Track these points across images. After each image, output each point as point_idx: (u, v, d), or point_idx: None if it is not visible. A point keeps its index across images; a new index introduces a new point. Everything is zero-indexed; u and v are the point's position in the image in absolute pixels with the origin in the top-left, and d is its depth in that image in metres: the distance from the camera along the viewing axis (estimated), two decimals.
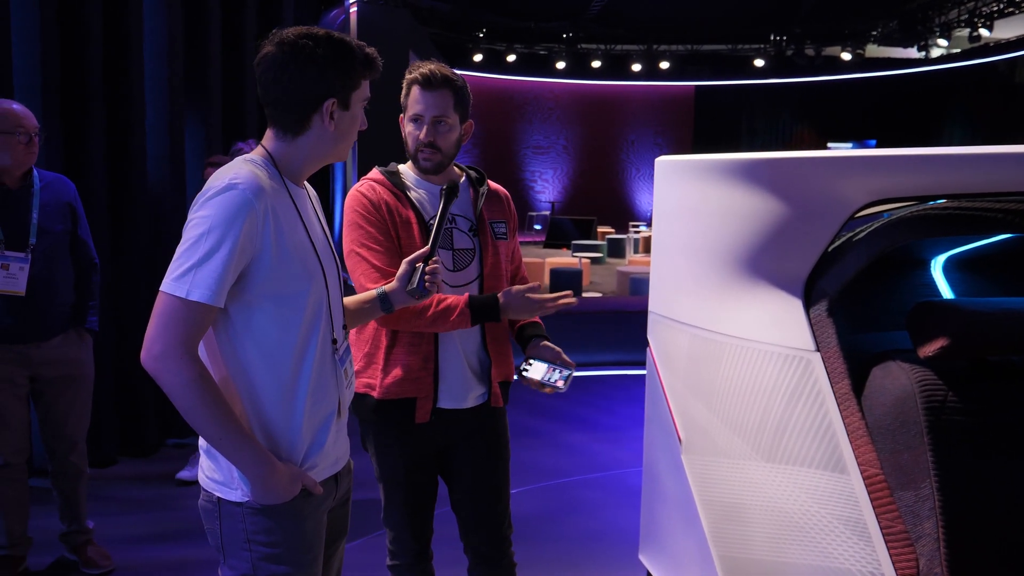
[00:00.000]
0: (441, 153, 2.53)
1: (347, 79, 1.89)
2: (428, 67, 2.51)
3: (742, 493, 2.21)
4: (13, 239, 3.46)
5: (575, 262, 13.62)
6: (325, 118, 1.89)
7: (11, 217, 3.48)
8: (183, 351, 1.73)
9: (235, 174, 1.81)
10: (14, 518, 3.61)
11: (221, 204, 1.77)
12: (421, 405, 2.52)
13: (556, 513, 4.56)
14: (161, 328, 1.74)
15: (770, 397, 2.13)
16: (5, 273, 3.42)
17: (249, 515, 1.88)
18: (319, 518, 1.99)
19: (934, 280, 2.58)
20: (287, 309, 1.86)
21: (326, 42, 1.87)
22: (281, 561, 1.89)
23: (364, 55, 1.92)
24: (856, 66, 21.50)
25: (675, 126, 24.74)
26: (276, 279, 1.84)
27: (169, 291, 1.75)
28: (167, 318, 1.74)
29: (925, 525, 1.81)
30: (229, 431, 1.78)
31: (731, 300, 2.32)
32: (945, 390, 1.87)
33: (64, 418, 3.69)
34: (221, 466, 1.88)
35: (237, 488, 1.87)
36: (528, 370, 2.54)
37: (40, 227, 3.53)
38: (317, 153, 1.95)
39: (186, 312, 1.74)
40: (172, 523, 4.34)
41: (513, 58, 21.69)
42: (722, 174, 2.35)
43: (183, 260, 1.76)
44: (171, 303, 1.75)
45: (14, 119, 3.44)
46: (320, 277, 1.93)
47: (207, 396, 1.75)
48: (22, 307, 3.47)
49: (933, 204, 2.13)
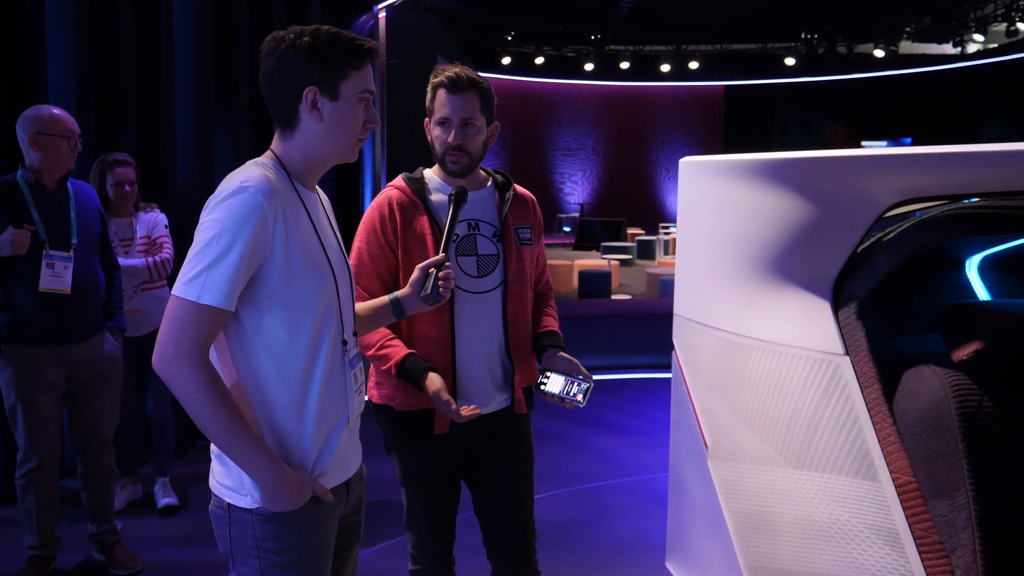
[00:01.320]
0: (469, 156, 2.52)
1: (328, 67, 1.85)
2: (453, 70, 2.50)
3: (769, 500, 2.16)
4: (55, 239, 3.54)
5: (604, 264, 13.56)
6: (310, 109, 1.86)
7: (53, 217, 3.56)
8: (194, 355, 1.72)
9: (246, 177, 1.80)
10: (45, 519, 3.65)
11: (232, 207, 1.75)
12: (440, 416, 2.50)
13: (582, 519, 4.51)
14: (173, 332, 1.73)
15: (798, 402, 2.08)
16: (51, 272, 3.49)
17: (259, 522, 1.86)
18: (329, 526, 1.96)
19: (969, 281, 2.51)
20: (297, 313, 1.84)
21: (311, 33, 1.85)
22: (290, 569, 1.88)
23: (349, 43, 1.87)
24: (889, 63, 21.23)
25: (705, 126, 24.60)
26: (287, 282, 1.82)
27: (181, 295, 1.74)
28: (179, 322, 1.74)
29: (961, 536, 1.75)
30: (239, 437, 1.76)
31: (757, 302, 2.27)
32: (980, 395, 1.81)
33: (96, 418, 3.75)
34: (231, 472, 1.87)
35: (247, 494, 1.86)
36: (546, 384, 2.50)
37: (79, 227, 3.62)
38: (315, 149, 1.91)
39: (197, 316, 1.73)
40: (200, 525, 4.34)
41: (541, 60, 21.67)
42: (747, 174, 2.30)
43: (194, 263, 1.75)
44: (183, 307, 1.74)
45: (60, 124, 3.54)
46: (331, 281, 1.91)
47: (218, 401, 1.74)
48: (65, 306, 3.54)
49: (966, 203, 2.07)
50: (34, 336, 3.52)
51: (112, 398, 3.81)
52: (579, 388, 2.46)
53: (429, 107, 2.55)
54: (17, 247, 3.41)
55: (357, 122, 1.90)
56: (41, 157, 3.52)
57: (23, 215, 3.49)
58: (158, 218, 4.48)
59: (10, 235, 3.40)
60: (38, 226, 3.50)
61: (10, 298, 3.51)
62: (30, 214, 3.50)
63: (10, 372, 3.53)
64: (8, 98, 4.46)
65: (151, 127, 5.26)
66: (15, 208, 3.49)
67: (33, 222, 3.49)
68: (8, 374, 3.53)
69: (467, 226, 2.56)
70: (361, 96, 1.90)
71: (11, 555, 3.87)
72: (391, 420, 2.56)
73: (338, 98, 1.87)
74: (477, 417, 2.44)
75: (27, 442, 3.57)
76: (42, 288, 3.47)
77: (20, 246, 3.41)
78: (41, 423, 3.56)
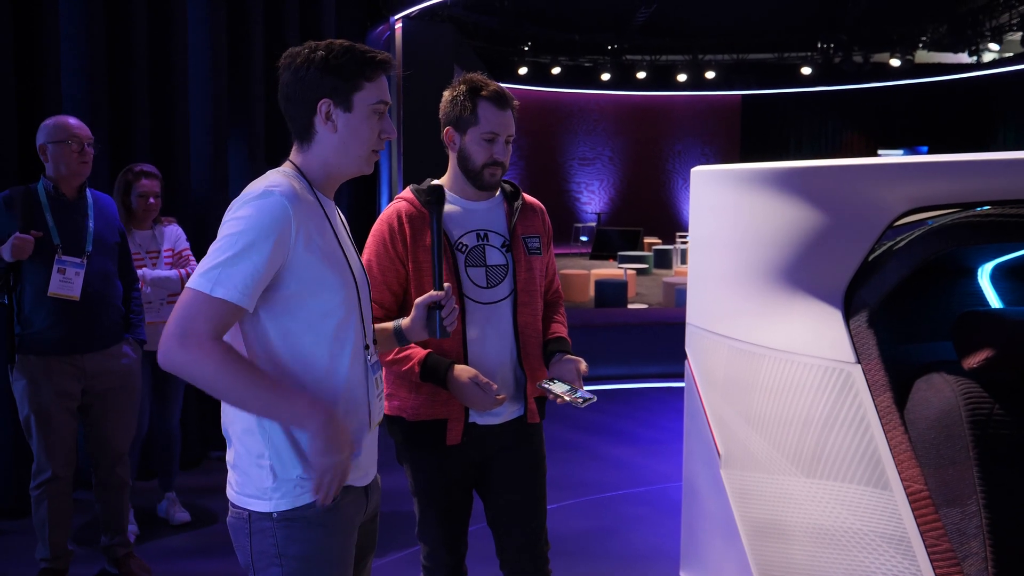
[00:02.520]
0: (504, 169, 2.56)
1: (341, 80, 1.88)
2: (493, 84, 2.52)
3: (782, 509, 2.16)
4: (70, 246, 3.55)
5: (621, 273, 13.55)
6: (324, 120, 1.90)
7: (69, 224, 3.58)
8: (203, 339, 1.71)
9: (273, 182, 1.84)
10: (58, 531, 3.65)
11: (258, 208, 1.78)
12: (452, 427, 2.51)
13: (596, 529, 4.50)
14: (179, 321, 1.72)
15: (810, 410, 2.08)
16: (61, 277, 3.50)
17: (280, 528, 1.86)
18: (350, 531, 1.98)
19: (981, 289, 2.50)
20: (319, 316, 1.87)
21: (325, 47, 1.89)
22: (313, 575, 1.88)
23: (361, 55, 1.90)
24: (906, 72, 21.13)
25: (722, 136, 24.55)
26: (308, 286, 1.84)
27: (194, 286, 1.74)
28: (187, 311, 1.73)
29: (972, 544, 1.75)
30: (274, 391, 1.76)
31: (769, 311, 2.27)
32: (991, 403, 1.80)
33: (112, 430, 3.74)
34: (251, 478, 1.88)
35: (269, 498, 1.86)
36: (549, 385, 2.50)
37: (96, 236, 3.63)
38: (331, 160, 1.94)
39: (207, 307, 1.73)
40: (214, 536, 4.36)
41: (558, 70, 21.68)
42: (759, 183, 2.31)
43: (212, 258, 1.76)
44: (195, 297, 1.74)
45: (67, 129, 3.57)
46: (352, 286, 1.94)
47: (240, 366, 1.73)
48: (77, 315, 3.55)
49: (977, 211, 2.07)
50: (47, 345, 3.52)
51: (129, 411, 3.80)
52: (580, 395, 2.45)
53: (463, 116, 2.51)
54: (18, 251, 3.41)
55: (372, 133, 1.93)
56: (52, 166, 3.56)
57: (37, 221, 3.51)
58: (179, 231, 4.51)
59: (13, 240, 3.41)
60: (52, 231, 3.51)
61: (23, 308, 3.53)
62: (45, 220, 3.52)
63: (24, 383, 3.54)
64: (22, 109, 4.51)
65: (165, 139, 5.29)
66: (30, 214, 3.51)
67: (46, 228, 3.51)
68: (23, 384, 3.54)
69: (476, 236, 2.56)
70: (375, 107, 1.92)
71: (24, 567, 3.88)
72: (403, 431, 2.57)
73: (352, 109, 1.90)
74: (490, 426, 2.45)
75: (41, 453, 3.58)
76: (51, 292, 3.47)
77: (21, 251, 3.41)
78: (55, 434, 3.56)
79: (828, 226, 2.11)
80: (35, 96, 4.56)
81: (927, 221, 2.22)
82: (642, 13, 18.20)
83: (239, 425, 1.89)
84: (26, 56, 4.54)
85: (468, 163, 2.53)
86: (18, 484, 4.52)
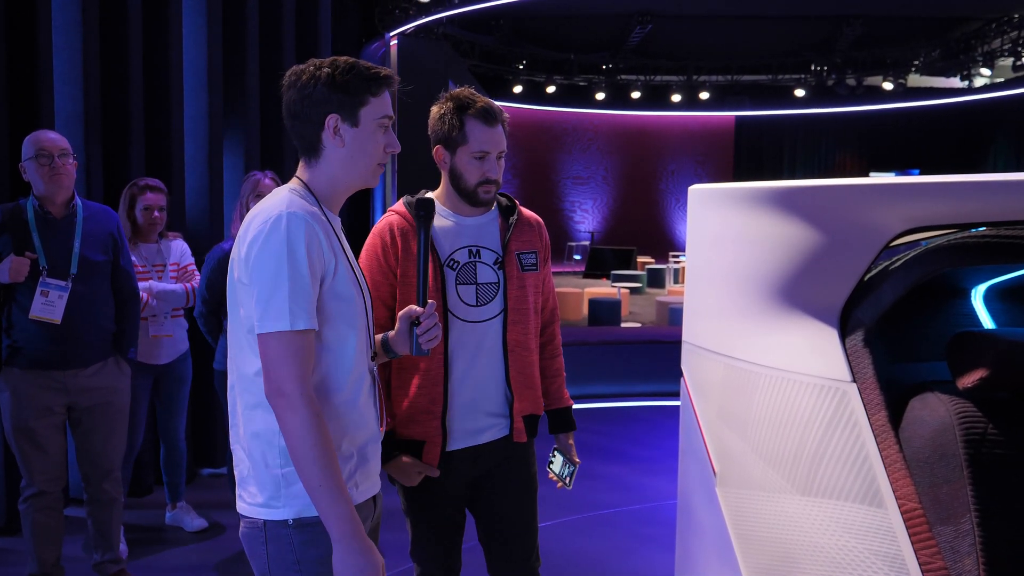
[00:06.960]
0: (498, 185, 2.54)
1: (348, 95, 1.92)
2: (481, 100, 2.49)
3: (777, 527, 2.16)
4: (55, 267, 3.50)
5: (614, 292, 13.57)
6: (332, 136, 1.93)
7: (55, 245, 3.53)
8: (303, 387, 1.77)
9: (286, 202, 1.87)
10: (47, 547, 3.62)
11: (282, 234, 1.81)
12: (428, 450, 2.49)
13: (590, 547, 4.49)
14: (283, 365, 1.77)
15: (805, 429, 2.09)
16: (44, 300, 3.46)
17: (296, 534, 1.87)
18: None
19: (975, 310, 2.52)
20: (345, 326, 1.91)
21: (330, 64, 1.93)
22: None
23: (366, 70, 1.94)
24: (898, 96, 21.29)
25: (715, 156, 24.65)
26: (337, 296, 1.89)
27: (274, 329, 1.78)
28: (283, 352, 1.78)
29: (965, 561, 1.76)
30: (331, 480, 1.78)
31: (765, 329, 2.28)
32: (985, 422, 1.81)
33: (101, 446, 3.71)
34: (264, 486, 1.88)
35: (284, 506, 1.87)
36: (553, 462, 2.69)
37: (82, 256, 3.57)
38: (339, 175, 1.97)
39: (299, 344, 1.78)
40: (206, 553, 4.35)
41: (553, 89, 21.77)
42: (755, 202, 2.32)
43: (271, 295, 1.79)
44: (282, 338, 1.78)
45: (37, 143, 3.48)
46: (361, 297, 1.97)
47: (320, 440, 1.77)
48: (59, 334, 3.51)
49: (972, 232, 2.08)
50: (29, 361, 3.50)
51: (117, 427, 3.76)
52: (569, 471, 2.65)
53: (452, 136, 2.49)
54: (14, 275, 3.39)
55: (378, 147, 1.97)
56: (32, 184, 3.51)
57: (25, 241, 3.48)
58: (185, 247, 4.51)
59: (9, 263, 3.39)
60: (39, 252, 3.47)
61: (10, 322, 3.50)
62: (32, 241, 3.48)
63: (8, 395, 3.52)
64: (14, 123, 4.48)
65: (159, 155, 5.29)
66: (19, 233, 3.47)
67: (33, 249, 3.47)
68: (6, 397, 3.53)
69: (468, 253, 2.53)
70: (380, 122, 1.97)
71: None
72: (392, 447, 2.54)
73: (358, 124, 1.94)
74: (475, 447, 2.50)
75: (25, 468, 3.55)
76: (32, 315, 3.44)
77: (17, 273, 3.40)
78: (38, 449, 3.53)
79: (825, 245, 2.12)
80: (29, 111, 4.54)
81: (921, 242, 2.23)
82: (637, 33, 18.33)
83: (249, 435, 1.89)
84: (19, 70, 4.53)
85: (460, 182, 2.51)
86: (11, 500, 4.50)
